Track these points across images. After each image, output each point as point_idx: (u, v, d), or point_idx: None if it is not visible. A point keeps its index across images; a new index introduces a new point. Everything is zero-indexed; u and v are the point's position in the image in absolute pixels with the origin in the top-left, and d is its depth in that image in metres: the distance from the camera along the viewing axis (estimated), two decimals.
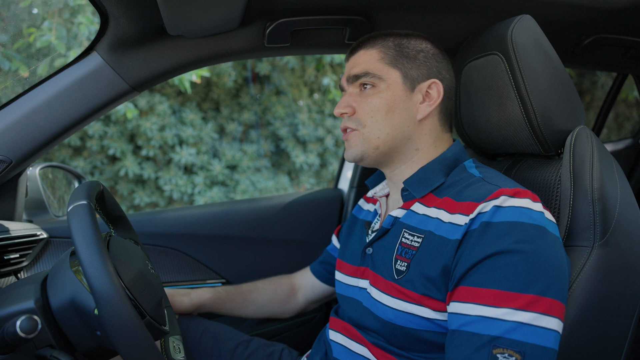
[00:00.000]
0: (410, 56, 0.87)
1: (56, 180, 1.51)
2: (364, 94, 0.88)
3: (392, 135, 0.86)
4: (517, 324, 0.64)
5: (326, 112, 4.38)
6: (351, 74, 0.89)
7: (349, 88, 0.91)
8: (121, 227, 0.95)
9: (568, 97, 0.86)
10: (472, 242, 0.70)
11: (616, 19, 1.11)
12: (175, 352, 0.89)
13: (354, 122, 0.88)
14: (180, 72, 1.09)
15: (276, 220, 1.52)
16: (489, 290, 0.67)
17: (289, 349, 1.10)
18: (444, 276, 0.73)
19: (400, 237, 0.83)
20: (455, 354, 0.68)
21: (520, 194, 0.72)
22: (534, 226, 0.69)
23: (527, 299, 0.65)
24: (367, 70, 0.87)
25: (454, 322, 0.70)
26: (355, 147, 0.88)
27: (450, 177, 0.84)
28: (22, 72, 2.89)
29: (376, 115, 0.86)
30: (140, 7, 0.90)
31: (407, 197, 0.87)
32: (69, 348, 0.74)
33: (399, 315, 0.78)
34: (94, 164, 3.87)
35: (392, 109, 0.85)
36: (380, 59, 0.87)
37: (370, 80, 0.86)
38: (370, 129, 0.86)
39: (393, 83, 0.86)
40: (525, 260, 0.67)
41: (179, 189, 3.93)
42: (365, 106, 0.87)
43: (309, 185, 4.39)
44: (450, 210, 0.77)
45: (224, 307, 1.17)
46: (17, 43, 3.08)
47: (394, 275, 0.80)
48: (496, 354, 0.64)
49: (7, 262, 1.04)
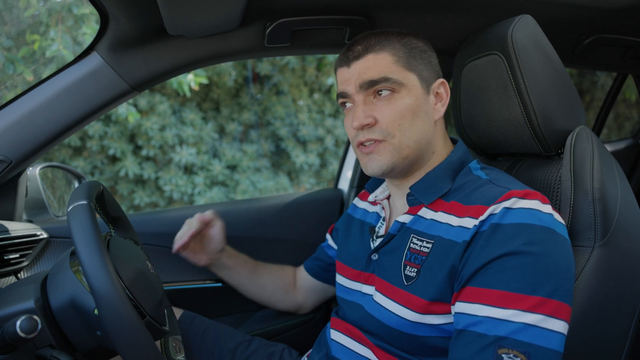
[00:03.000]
0: (419, 57, 0.84)
1: (56, 180, 1.51)
2: (382, 101, 0.82)
3: (418, 142, 0.83)
4: (523, 325, 0.64)
5: (326, 112, 4.38)
6: (365, 79, 0.82)
7: (360, 96, 0.83)
8: (121, 227, 0.95)
9: (568, 97, 0.86)
10: (480, 244, 0.70)
11: (616, 19, 1.11)
12: (175, 352, 0.89)
13: (379, 132, 0.82)
14: (180, 72, 1.09)
15: (276, 220, 1.52)
16: (496, 291, 0.67)
17: (289, 349, 1.10)
18: (451, 277, 0.73)
19: (409, 243, 0.82)
20: (460, 353, 0.68)
21: (530, 195, 0.72)
22: (543, 228, 0.69)
23: (535, 300, 0.65)
24: (387, 76, 0.81)
25: (460, 321, 0.70)
26: (384, 158, 0.82)
27: (456, 180, 0.83)
28: (27, 77, 2.91)
29: (404, 123, 0.81)
30: (140, 7, 0.90)
31: (414, 202, 0.85)
32: (69, 348, 0.74)
33: (405, 323, 0.77)
34: (94, 164, 3.87)
35: (417, 114, 0.82)
36: (395, 62, 0.82)
37: (390, 86, 0.81)
38: (400, 138, 0.81)
39: (413, 87, 0.82)
40: (534, 262, 0.66)
41: (179, 189, 3.93)
42: (390, 114, 0.81)
43: (309, 185, 4.39)
44: (459, 214, 0.77)
45: (236, 270, 1.18)
46: (22, 50, 3.10)
47: (403, 282, 0.79)
48: (501, 354, 0.64)
49: (7, 262, 1.04)
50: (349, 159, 1.76)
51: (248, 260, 1.22)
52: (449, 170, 0.84)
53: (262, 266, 1.23)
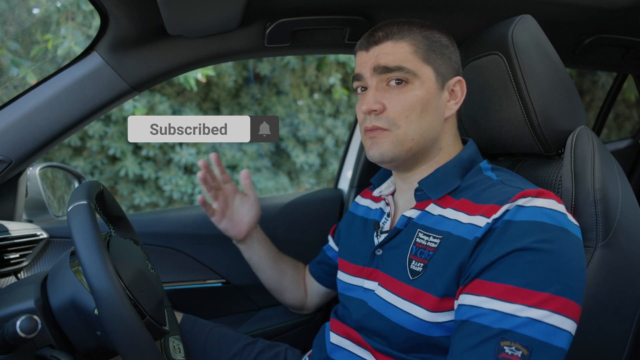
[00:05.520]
0: (439, 51, 0.83)
1: (56, 180, 1.51)
2: (394, 90, 0.81)
3: (424, 136, 0.82)
4: (528, 320, 0.64)
5: (326, 112, 4.38)
6: (380, 63, 0.81)
7: (373, 80, 0.82)
8: (121, 227, 0.94)
9: (569, 97, 0.86)
10: (492, 240, 0.70)
11: (616, 19, 1.11)
12: (175, 352, 0.89)
13: (385, 121, 0.81)
14: (180, 72, 1.09)
15: (276, 220, 1.52)
16: (505, 285, 0.66)
17: (292, 349, 1.10)
18: (459, 274, 0.72)
19: (415, 237, 0.81)
20: (462, 343, 0.67)
21: (544, 194, 0.71)
22: (556, 227, 0.68)
23: (543, 296, 0.64)
24: (401, 65, 0.80)
25: (464, 313, 0.69)
26: (385, 147, 0.82)
27: (465, 178, 0.83)
28: (30, 80, 2.91)
29: (411, 115, 0.80)
30: (140, 7, 0.90)
31: (421, 198, 0.84)
32: (69, 348, 0.74)
33: (409, 319, 0.77)
34: (94, 164, 3.87)
35: (426, 108, 0.81)
36: (413, 53, 0.81)
37: (403, 75, 0.80)
38: (405, 130, 0.81)
39: (427, 80, 0.81)
40: (546, 260, 0.66)
41: (179, 189, 3.93)
42: (399, 104, 0.80)
43: (309, 185, 4.39)
44: (469, 212, 0.76)
45: (265, 250, 1.20)
46: (34, 50, 3.11)
47: (409, 276, 0.79)
48: (503, 346, 0.64)
49: (7, 262, 1.04)
50: (349, 159, 1.76)
51: (273, 245, 1.24)
52: (459, 168, 0.84)
53: (282, 254, 1.25)
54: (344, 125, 4.41)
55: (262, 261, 1.20)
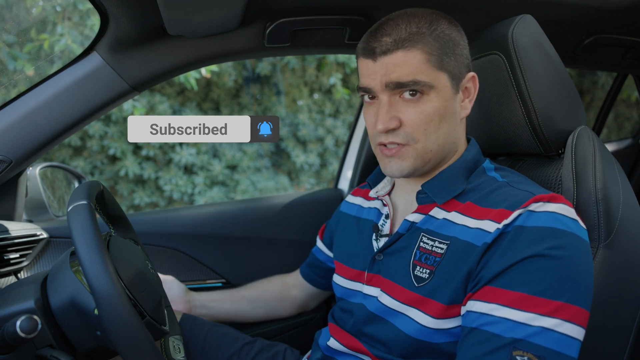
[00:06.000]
0: (451, 52, 0.77)
1: (56, 180, 1.51)
2: (409, 103, 0.76)
3: (443, 145, 0.79)
4: (541, 329, 0.63)
5: (326, 112, 4.38)
6: (392, 79, 0.75)
7: (385, 95, 0.77)
8: (121, 227, 0.94)
9: (569, 97, 0.86)
10: (504, 246, 0.68)
11: (616, 19, 1.11)
12: (175, 352, 0.89)
13: (403, 136, 0.77)
14: (180, 72, 1.09)
15: (276, 220, 1.52)
16: (516, 293, 0.65)
17: (291, 349, 1.10)
18: (467, 280, 0.71)
19: (418, 242, 0.79)
20: (471, 351, 0.66)
21: (555, 199, 0.70)
22: (568, 233, 0.68)
23: (555, 305, 0.64)
24: (416, 79, 0.74)
25: (474, 320, 0.68)
26: (405, 164, 0.78)
27: (470, 180, 0.81)
28: (27, 71, 2.91)
29: (429, 127, 0.76)
30: (140, 7, 0.90)
31: (424, 201, 0.82)
32: (69, 348, 0.74)
33: (413, 326, 0.75)
34: (94, 164, 3.87)
35: (444, 117, 0.77)
36: (427, 61, 0.75)
37: (419, 88, 0.75)
38: (424, 143, 0.77)
39: (443, 88, 0.76)
40: (558, 267, 0.65)
41: (179, 189, 3.93)
42: (416, 118, 0.76)
43: (309, 185, 4.39)
44: (476, 216, 0.74)
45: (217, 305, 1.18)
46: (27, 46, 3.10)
47: (413, 283, 0.77)
48: (515, 356, 0.62)
49: (7, 262, 1.04)
50: (349, 159, 1.76)
51: (226, 292, 1.21)
52: (464, 170, 0.81)
53: (239, 288, 1.23)
54: (344, 125, 4.41)
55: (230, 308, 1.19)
